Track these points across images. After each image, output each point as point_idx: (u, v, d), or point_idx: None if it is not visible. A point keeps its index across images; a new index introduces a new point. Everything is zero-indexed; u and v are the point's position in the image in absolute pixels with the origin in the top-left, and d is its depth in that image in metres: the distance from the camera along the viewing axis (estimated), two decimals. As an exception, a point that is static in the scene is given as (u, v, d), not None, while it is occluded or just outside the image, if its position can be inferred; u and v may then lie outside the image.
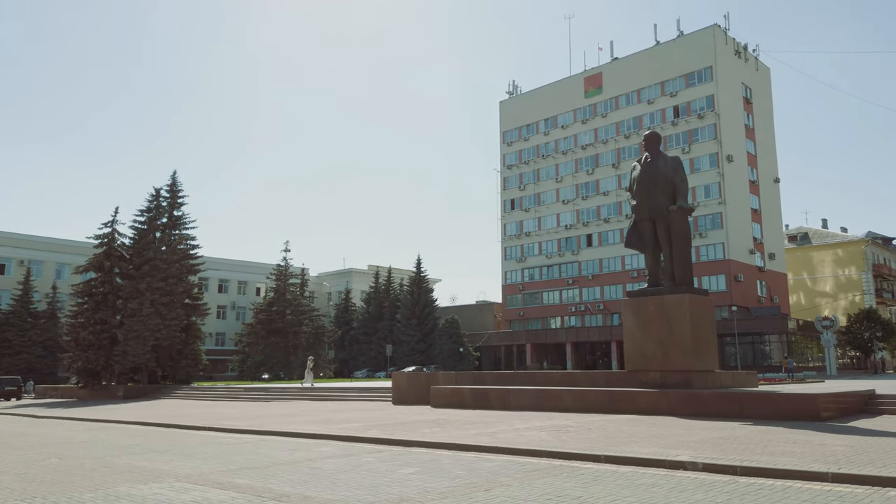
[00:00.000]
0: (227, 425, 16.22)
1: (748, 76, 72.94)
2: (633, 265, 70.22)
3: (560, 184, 78.13)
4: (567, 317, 75.63)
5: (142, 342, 42.02)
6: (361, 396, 27.81)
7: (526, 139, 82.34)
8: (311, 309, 70.37)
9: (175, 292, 44.42)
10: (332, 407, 23.31)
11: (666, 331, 17.11)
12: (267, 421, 17.43)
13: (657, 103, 71.19)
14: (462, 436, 11.81)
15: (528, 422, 14.37)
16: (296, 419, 17.75)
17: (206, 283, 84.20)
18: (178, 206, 48.19)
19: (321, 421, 16.65)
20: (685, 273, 17.51)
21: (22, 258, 71.33)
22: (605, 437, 10.98)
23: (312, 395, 30.42)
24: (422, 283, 76.11)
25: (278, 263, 69.52)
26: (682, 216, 17.75)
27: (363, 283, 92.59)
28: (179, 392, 39.35)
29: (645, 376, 17.36)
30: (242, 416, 19.84)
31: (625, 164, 72.78)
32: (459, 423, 14.47)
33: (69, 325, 43.81)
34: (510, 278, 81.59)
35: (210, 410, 24.37)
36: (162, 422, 18.30)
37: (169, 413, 23.24)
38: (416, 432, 12.76)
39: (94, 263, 44.46)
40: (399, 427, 14.10)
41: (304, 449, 11.39)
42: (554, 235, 77.72)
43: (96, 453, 11.74)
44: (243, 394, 34.48)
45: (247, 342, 66.64)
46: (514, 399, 18.65)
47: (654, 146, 18.71)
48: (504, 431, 12.42)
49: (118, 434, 15.79)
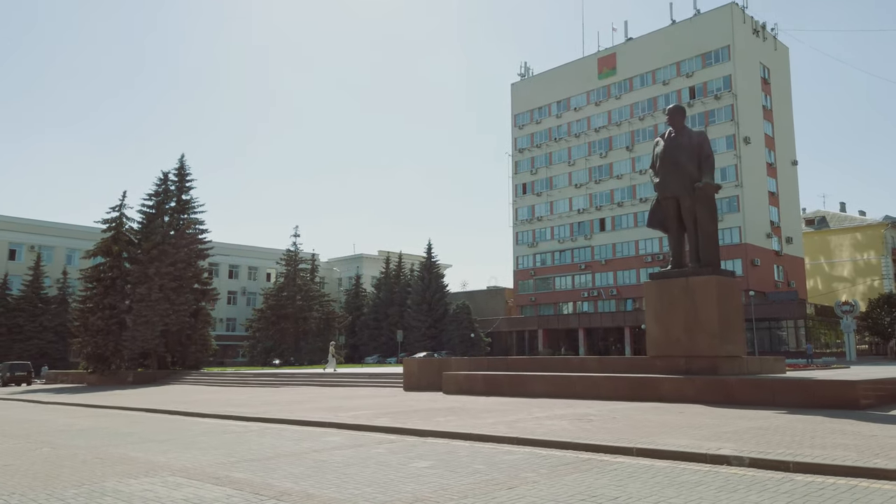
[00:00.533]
0: (233, 412, 15.60)
1: (766, 56, 71.20)
2: (648, 249, 69.21)
3: (573, 167, 76.96)
4: (579, 302, 74.80)
5: (151, 327, 41.67)
6: (372, 382, 27.21)
7: (538, 122, 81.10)
8: (321, 294, 69.99)
9: (184, 277, 43.99)
10: (342, 393, 22.69)
11: (692, 314, 16.25)
12: (274, 408, 16.81)
13: (672, 84, 69.69)
14: (478, 425, 11.08)
15: (546, 410, 13.62)
16: (304, 406, 17.12)
17: (217, 268, 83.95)
18: (186, 190, 47.68)
19: (330, 408, 15.99)
20: (712, 254, 16.61)
21: (33, 244, 71.26)
22: (633, 427, 10.21)
23: (322, 381, 29.86)
24: (432, 268, 75.44)
25: (288, 249, 69.13)
26: (708, 194, 16.81)
27: (374, 269, 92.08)
28: (189, 377, 38.98)
29: (669, 362, 16.54)
30: (249, 403, 19.25)
31: (639, 146, 71.57)
32: (474, 411, 13.75)
33: (78, 310, 43.56)
34: (522, 263, 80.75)
35: (218, 396, 23.84)
36: (166, 408, 17.73)
37: (175, 399, 22.73)
38: (430, 421, 12.05)
39: (102, 248, 44.07)
40: (411, 415, 13.40)
41: (311, 439, 10.71)
42: (566, 220, 76.68)
43: (92, 442, 11.12)
44: (252, 379, 34.02)
45: (257, 328, 66.35)
46: (531, 386, 17.90)
47: (679, 120, 17.70)
48: (523, 420, 11.67)
49: (120, 421, 15.22)
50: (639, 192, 70.96)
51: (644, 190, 70.49)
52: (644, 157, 70.82)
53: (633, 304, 70.02)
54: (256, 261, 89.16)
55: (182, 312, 43.21)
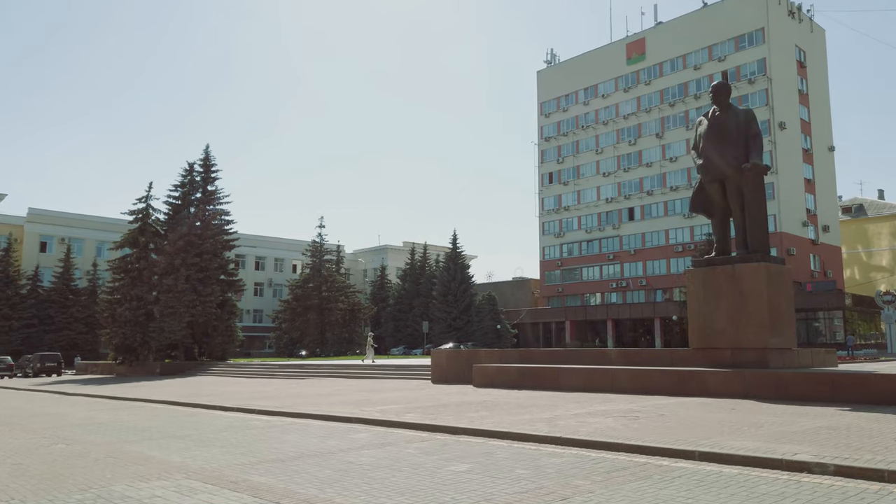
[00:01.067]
0: (257, 406, 15.05)
1: (802, 38, 68.83)
2: (678, 239, 67.64)
3: (600, 155, 75.46)
4: (607, 293, 73.47)
5: (177, 318, 41.61)
6: (399, 374, 26.61)
7: (565, 110, 79.65)
8: (347, 285, 69.65)
9: (210, 268, 43.85)
10: (369, 386, 22.10)
11: (738, 304, 15.27)
12: (299, 401, 16.24)
13: (704, 68, 67.75)
14: (516, 422, 10.31)
15: (586, 405, 12.80)
16: (330, 399, 16.52)
17: (243, 260, 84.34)
18: (211, 180, 47.54)
19: (357, 402, 15.36)
20: (760, 239, 15.58)
21: (63, 236, 72.01)
22: (687, 426, 9.36)
23: (348, 372, 29.36)
24: (458, 258, 74.60)
25: (313, 240, 68.88)
26: (756, 176, 15.77)
27: (399, 260, 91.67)
28: (215, 369, 38.84)
29: (713, 354, 15.58)
30: (275, 395, 18.75)
31: (669, 133, 69.85)
32: (509, 407, 12.99)
33: (106, 301, 43.67)
34: (548, 254, 79.59)
35: (243, 388, 23.44)
36: (190, 401, 17.28)
37: (201, 391, 22.35)
38: (463, 417, 11.31)
39: (129, 239, 44.11)
40: (442, 410, 12.69)
41: (337, 436, 10.05)
42: (594, 209, 75.29)
43: (109, 438, 10.61)
44: (279, 370, 33.69)
45: (282, 319, 66.32)
46: (566, 379, 17.08)
47: (724, 98, 16.65)
48: (563, 417, 10.88)
49: (141, 415, 14.76)
50: (669, 180, 69.32)
51: (674, 178, 68.88)
52: (674, 144, 69.22)
53: (662, 295, 68.55)
54: (282, 252, 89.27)
55: (208, 303, 43.09)
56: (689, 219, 66.92)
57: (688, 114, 68.44)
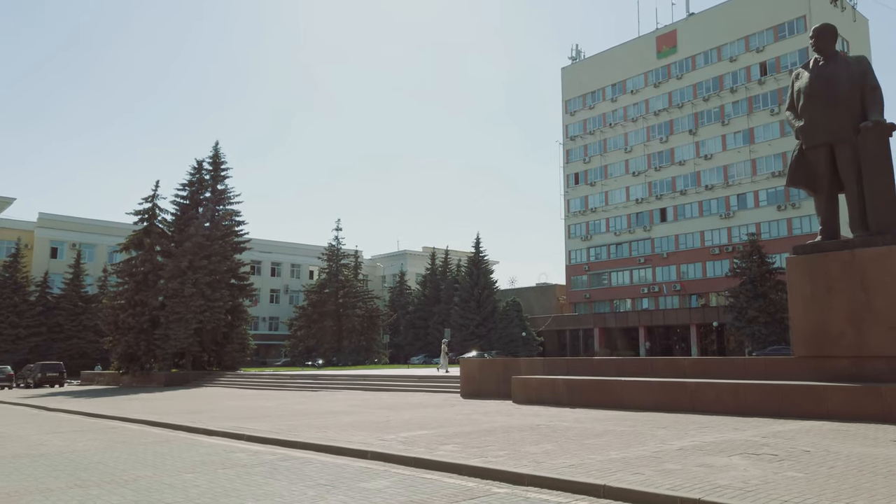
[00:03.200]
0: (250, 429, 11.99)
1: (845, 27, 64.71)
2: (715, 240, 63.87)
3: (629, 154, 71.95)
4: (639, 299, 69.75)
5: (184, 325, 38.91)
6: (423, 387, 23.46)
7: (591, 107, 76.31)
8: (365, 291, 66.76)
9: (219, 271, 41.17)
10: (389, 400, 18.97)
11: (860, 299, 11.94)
12: (304, 422, 13.17)
13: (740, 60, 64.10)
14: (604, 466, 7.10)
15: (681, 434, 9.55)
16: (340, 419, 13.42)
17: (259, 266, 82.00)
18: (221, 179, 44.94)
19: (374, 424, 12.23)
20: (887, 216, 12.21)
21: (74, 241, 70.05)
22: (864, 473, 6.11)
23: (366, 384, 26.27)
24: (480, 263, 71.46)
25: (330, 243, 66.17)
26: (878, 137, 12.42)
27: (418, 266, 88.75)
28: (223, 379, 36.01)
29: (827, 364, 12.24)
30: (278, 413, 15.71)
31: (703, 129, 66.22)
32: (573, 434, 9.79)
33: (108, 307, 41.08)
34: (575, 258, 76.08)
35: (246, 402, 20.45)
36: (173, 421, 14.26)
37: (196, 406, 19.39)
38: (520, 452, 8.14)
39: (134, 241, 41.60)
40: (487, 439, 9.52)
41: (344, 484, 6.93)
42: (623, 211, 71.72)
43: (24, 484, 7.58)
44: (290, 382, 30.75)
45: (298, 326, 63.54)
46: (632, 394, 13.84)
47: (829, 44, 13.36)
48: (667, 455, 7.65)
49: (103, 440, 11.77)
50: (704, 178, 65.59)
51: (709, 176, 65.15)
52: (709, 141, 65.59)
53: (698, 301, 64.74)
54: (299, 258, 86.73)
55: (218, 309, 40.37)
56: (725, 219, 63.22)
57: (723, 108, 64.83)
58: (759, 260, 49.01)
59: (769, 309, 47.80)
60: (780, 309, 48.27)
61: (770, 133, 61.30)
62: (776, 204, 60.09)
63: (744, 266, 49.44)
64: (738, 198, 62.90)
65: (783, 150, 60.17)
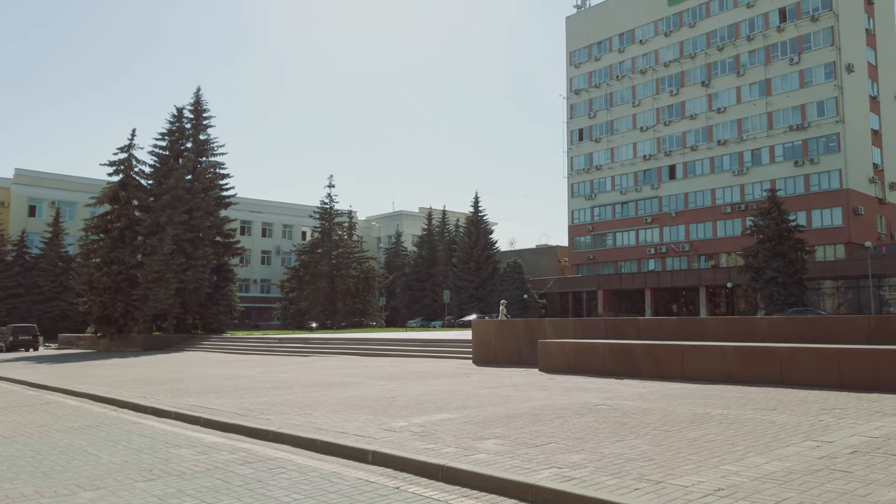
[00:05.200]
0: (210, 410, 9.13)
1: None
2: (727, 199, 60.91)
3: (637, 108, 68.33)
4: (644, 260, 66.97)
5: (164, 285, 35.92)
6: (427, 352, 20.68)
7: (597, 59, 72.34)
8: (359, 251, 63.75)
9: (201, 227, 38.05)
10: (390, 369, 16.16)
11: None
12: (285, 397, 10.33)
13: (758, 6, 60.14)
14: (782, 494, 4.22)
15: (831, 422, 6.70)
16: (332, 394, 10.58)
17: (249, 226, 78.80)
18: (203, 128, 41.47)
19: (375, 402, 9.38)
20: None
21: (53, 199, 66.49)
22: None
23: (362, 349, 23.50)
24: (480, 223, 68.40)
25: (322, 201, 62.84)
26: None
27: (415, 227, 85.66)
28: (206, 343, 33.24)
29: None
30: (255, 385, 12.89)
31: (717, 81, 62.63)
32: (658, 422, 6.95)
33: (82, 265, 38.00)
34: (578, 218, 73.05)
35: (223, 370, 17.64)
36: (121, 398, 11.34)
37: (163, 375, 16.56)
38: (605, 457, 5.28)
39: (109, 194, 38.32)
40: (540, 429, 6.66)
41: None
42: (630, 168, 68.45)
43: None
44: (277, 346, 27.98)
45: (289, 287, 60.63)
46: (698, 362, 11.04)
47: None
48: (862, 462, 4.78)
49: (17, 423, 8.89)
50: (716, 133, 62.24)
51: (722, 131, 61.79)
52: (723, 94, 62.08)
53: (707, 262, 62.07)
54: (291, 218, 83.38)
55: (200, 268, 37.36)
56: (738, 176, 60.14)
57: (738, 58, 61.14)
58: (779, 217, 46.07)
59: (788, 269, 45.10)
60: (799, 269, 45.66)
61: (788, 84, 57.81)
62: (793, 159, 56.96)
63: (762, 224, 46.50)
64: (752, 153, 59.70)
65: (802, 102, 56.86)
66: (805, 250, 46.53)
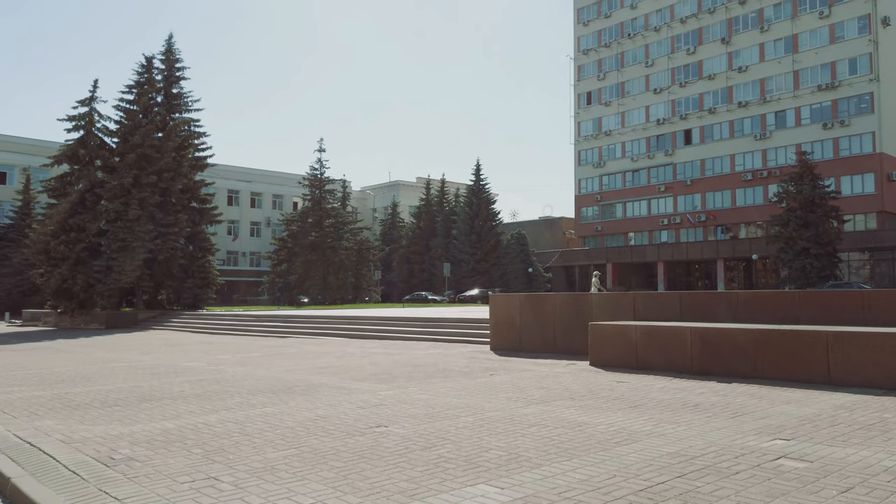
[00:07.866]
0: (94, 438, 5.04)
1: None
2: (747, 165, 56.72)
3: (651, 69, 63.72)
4: (657, 231, 63.01)
5: (130, 254, 31.73)
6: (428, 334, 16.63)
7: (607, 15, 67.47)
8: (353, 221, 59.55)
9: (172, 190, 33.74)
10: (382, 360, 12.12)
11: None
12: (196, 423, 6.31)
13: (786, -46, 55.31)
14: None
15: None
16: (281, 417, 6.55)
17: (237, 195, 74.54)
18: (176, 80, 36.96)
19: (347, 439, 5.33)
20: None
21: (25, 165, 61.91)
22: None
23: (350, 330, 19.48)
24: (481, 193, 64.17)
25: (311, 166, 58.40)
26: None
27: (412, 198, 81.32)
28: (175, 321, 29.20)
29: None
30: (178, 390, 8.86)
31: (738, 37, 58.01)
32: None
33: (38, 232, 33.78)
34: (585, 187, 68.84)
35: (161, 360, 13.59)
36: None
37: (75, 368, 12.48)
38: None
39: (67, 153, 33.95)
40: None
41: None
42: (642, 133, 64.08)
43: None
44: (254, 325, 24.00)
45: (277, 260, 56.52)
46: (851, 358, 6.99)
47: None
48: None
49: None
50: (736, 94, 57.80)
51: (743, 91, 57.33)
52: (744, 51, 57.54)
53: (724, 233, 58.09)
54: (282, 188, 78.90)
55: (172, 236, 33.19)
56: (761, 140, 55.89)
57: (762, 12, 56.47)
58: (812, 183, 41.95)
59: (821, 239, 41.15)
60: (832, 240, 41.73)
61: (817, 40, 53.26)
62: (821, 122, 52.65)
63: (793, 190, 42.37)
64: (776, 115, 55.33)
65: (832, 59, 52.39)
66: (840, 219, 42.60)
